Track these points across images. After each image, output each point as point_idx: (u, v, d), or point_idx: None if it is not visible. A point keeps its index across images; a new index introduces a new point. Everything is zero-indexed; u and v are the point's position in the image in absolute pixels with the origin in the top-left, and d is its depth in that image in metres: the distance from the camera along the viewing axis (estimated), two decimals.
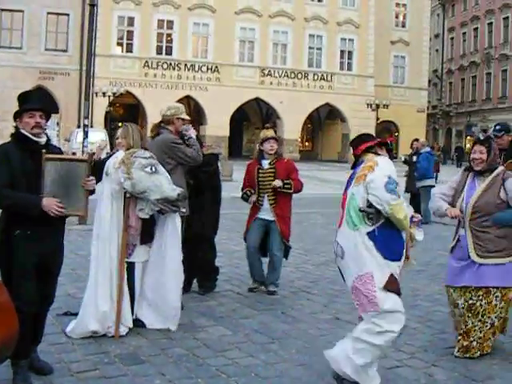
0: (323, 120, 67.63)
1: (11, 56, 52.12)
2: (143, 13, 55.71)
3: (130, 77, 55.00)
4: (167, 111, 8.74)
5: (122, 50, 56.21)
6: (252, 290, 10.10)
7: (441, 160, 48.20)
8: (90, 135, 19.45)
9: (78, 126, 44.17)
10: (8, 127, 10.30)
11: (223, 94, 55.91)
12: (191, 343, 7.38)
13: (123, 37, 56.14)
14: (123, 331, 7.55)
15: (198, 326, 8.06)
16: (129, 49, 56.19)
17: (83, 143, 18.07)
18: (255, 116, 65.97)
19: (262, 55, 59.15)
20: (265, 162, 9.98)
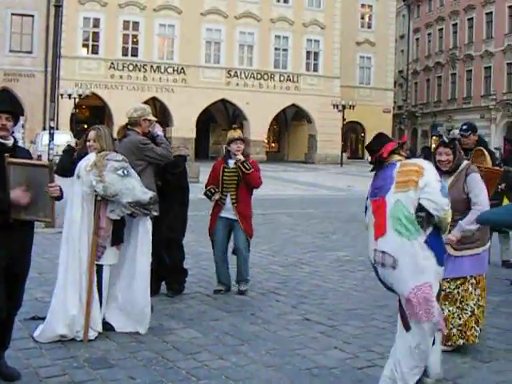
0: (290, 121, 67.74)
1: None
2: (109, 14, 55.43)
3: (96, 78, 54.72)
4: (133, 113, 8.71)
5: (88, 52, 55.87)
6: (217, 292, 10.08)
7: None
8: (56, 137, 19.33)
9: (44, 129, 43.97)
10: None
11: (189, 96, 55.86)
12: (161, 346, 7.34)
13: (89, 38, 55.81)
14: (92, 335, 7.49)
15: (168, 329, 8.02)
16: (94, 50, 55.85)
17: (49, 145, 17.94)
18: (222, 117, 65.95)
19: (228, 56, 59.14)
20: (231, 162, 10.06)
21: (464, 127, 9.61)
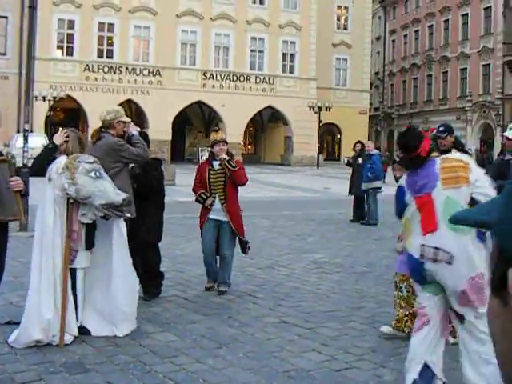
0: (266, 123, 67.76)
1: None
2: (83, 15, 55.17)
3: (71, 80, 54.46)
4: (107, 116, 8.71)
5: (63, 54, 55.54)
6: (208, 289, 10.28)
7: (389, 161, 48.83)
8: (30, 140, 19.22)
9: (18, 131, 43.66)
10: None
11: (165, 98, 55.75)
12: (138, 350, 7.33)
13: (63, 40, 55.46)
14: (68, 339, 7.46)
15: (144, 333, 8.00)
16: (69, 52, 55.52)
17: (23, 148, 17.84)
18: (198, 119, 65.88)
19: (204, 58, 59.05)
20: (216, 163, 10.24)
21: (441, 128, 9.67)
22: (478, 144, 60.06)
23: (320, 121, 59.43)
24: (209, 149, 10.65)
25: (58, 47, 55.49)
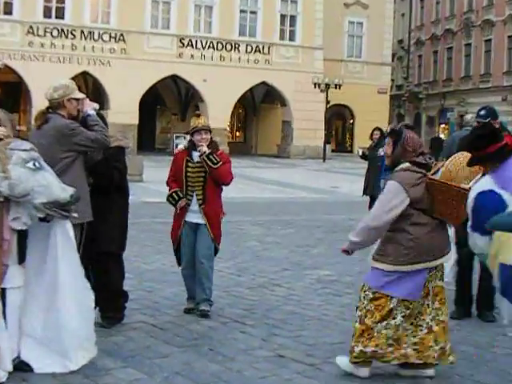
0: (259, 104, 67.79)
1: None
2: None
3: (10, 46, 54.06)
4: (54, 93, 8.61)
5: None
6: (188, 311, 10.35)
7: None
8: None
9: None
10: None
11: (131, 71, 55.35)
12: None
13: None
14: (2, 377, 7.35)
15: (102, 369, 7.96)
16: (7, 10, 55.05)
17: None
18: (172, 98, 65.82)
19: (181, 20, 58.85)
20: (195, 155, 10.22)
21: (482, 112, 9.71)
22: None
23: (327, 101, 59.42)
24: (187, 136, 10.64)
25: None
